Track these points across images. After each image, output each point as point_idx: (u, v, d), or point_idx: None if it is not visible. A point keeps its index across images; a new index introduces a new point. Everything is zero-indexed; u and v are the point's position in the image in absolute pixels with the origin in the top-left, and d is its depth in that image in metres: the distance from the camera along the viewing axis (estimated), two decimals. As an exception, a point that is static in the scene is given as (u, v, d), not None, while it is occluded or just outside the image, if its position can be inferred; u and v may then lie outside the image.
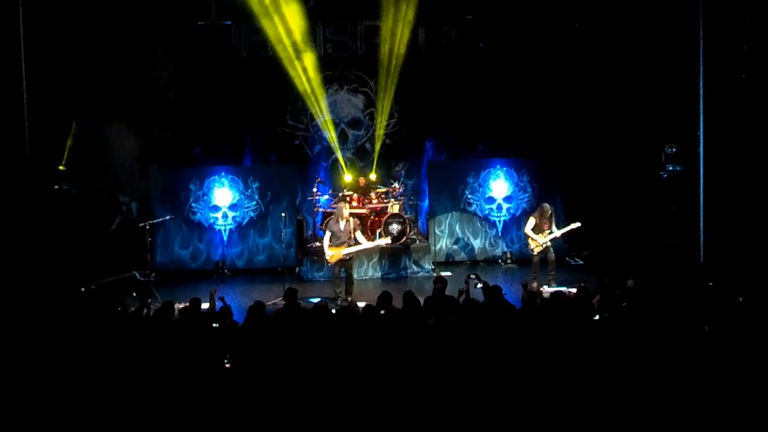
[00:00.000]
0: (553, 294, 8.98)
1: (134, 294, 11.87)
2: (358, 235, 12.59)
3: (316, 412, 6.56)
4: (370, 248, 13.14)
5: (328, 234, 12.62)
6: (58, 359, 7.26)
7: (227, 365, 7.32)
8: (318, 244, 14.97)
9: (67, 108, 13.82)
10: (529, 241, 13.21)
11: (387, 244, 13.49)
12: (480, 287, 9.27)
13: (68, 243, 13.53)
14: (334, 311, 8.82)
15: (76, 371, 7.05)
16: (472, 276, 9.57)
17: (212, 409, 6.68)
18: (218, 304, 9.12)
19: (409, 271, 14.87)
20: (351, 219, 12.66)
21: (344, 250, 12.42)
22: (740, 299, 8.35)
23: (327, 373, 6.85)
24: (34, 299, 10.75)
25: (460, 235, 15.88)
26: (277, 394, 6.58)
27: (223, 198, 15.38)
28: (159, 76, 15.28)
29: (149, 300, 10.76)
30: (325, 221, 14.25)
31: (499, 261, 15.83)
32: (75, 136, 13.69)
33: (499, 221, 15.94)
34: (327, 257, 12.62)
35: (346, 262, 12.57)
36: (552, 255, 13.18)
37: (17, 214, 12.66)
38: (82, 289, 12.57)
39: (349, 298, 12.34)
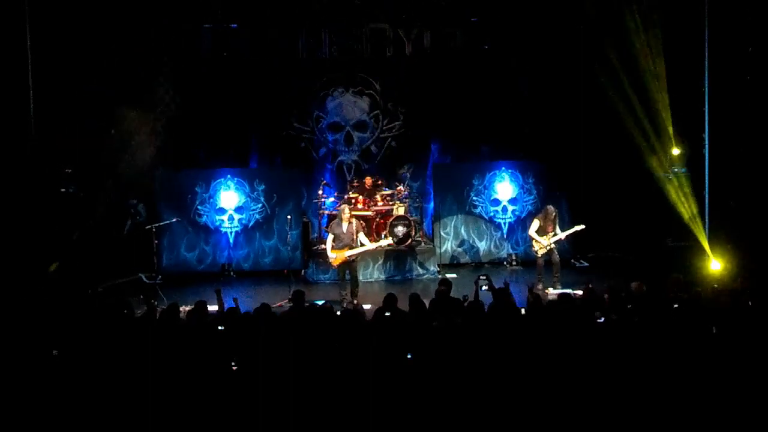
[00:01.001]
0: (560, 296, 9.00)
1: (141, 297, 11.91)
2: (361, 236, 12.56)
3: (321, 414, 6.57)
4: (374, 249, 13.10)
5: (330, 237, 12.60)
6: (64, 362, 7.28)
7: (234, 368, 7.34)
8: (324, 246, 15.01)
9: (70, 109, 13.87)
10: (534, 243, 13.23)
11: (389, 244, 13.50)
12: (485, 289, 9.28)
13: (74, 245, 13.58)
14: (339, 313, 8.86)
15: (81, 373, 7.07)
16: (483, 277, 9.57)
17: (217, 410, 6.70)
18: (229, 304, 9.15)
19: (414, 273, 14.88)
20: (354, 221, 12.63)
21: (348, 252, 12.40)
22: (749, 303, 8.37)
23: (332, 375, 6.86)
24: (40, 302, 10.79)
25: (466, 237, 15.89)
26: (282, 396, 6.60)
27: (229, 200, 15.42)
28: (165, 79, 15.32)
29: (155, 303, 10.82)
30: (330, 224, 14.29)
31: (504, 263, 15.83)
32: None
33: (504, 223, 15.95)
34: (330, 260, 12.60)
35: (350, 264, 12.56)
36: (556, 257, 13.19)
37: (22, 217, 12.70)
38: (89, 292, 12.61)
39: (355, 301, 12.35)
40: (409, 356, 7.26)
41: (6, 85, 12.78)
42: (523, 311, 8.68)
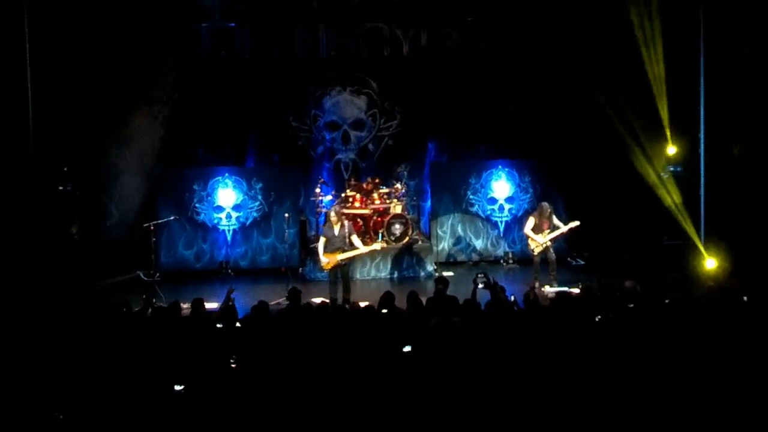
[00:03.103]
0: (558, 294, 9.03)
1: (144, 296, 11.94)
2: (354, 239, 12.41)
3: (318, 412, 6.61)
4: (366, 252, 12.94)
5: (322, 240, 12.42)
6: (63, 360, 7.31)
7: (233, 365, 7.38)
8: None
9: (69, 108, 13.91)
10: (530, 241, 13.26)
11: (383, 247, 13.41)
12: (481, 287, 9.30)
13: (72, 243, 13.62)
14: (335, 311, 8.89)
15: (80, 371, 7.10)
16: (480, 275, 9.57)
17: (214, 409, 6.74)
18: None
19: (411, 271, 14.93)
20: (346, 222, 12.47)
21: (340, 256, 12.19)
22: (744, 299, 8.42)
23: (329, 372, 6.90)
24: (38, 300, 10.82)
25: (462, 236, 15.95)
26: (280, 394, 6.63)
27: (227, 198, 15.48)
28: (163, 77, 15.36)
29: (154, 300, 10.85)
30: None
31: (501, 261, 15.90)
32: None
33: (501, 222, 16.02)
34: (322, 264, 12.39)
35: (342, 267, 12.36)
36: (552, 255, 13.23)
37: (21, 215, 12.73)
38: (87, 290, 12.64)
39: (348, 303, 12.18)
40: (407, 348, 7.31)
41: (5, 85, 12.80)
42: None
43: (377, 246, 13.00)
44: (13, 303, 10.65)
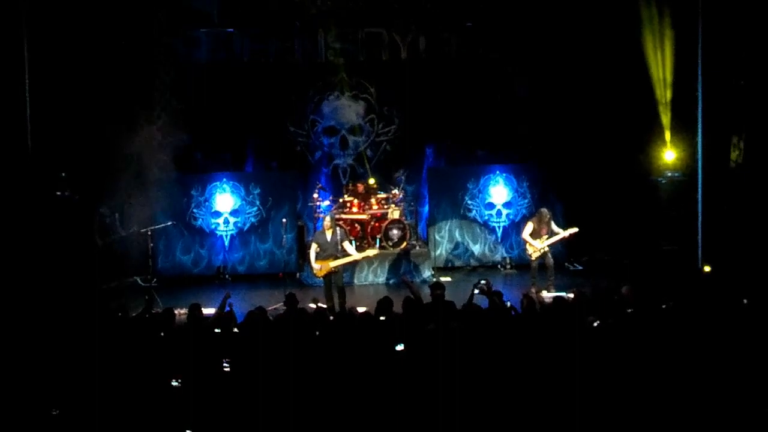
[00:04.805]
0: (555, 299, 9.02)
1: (146, 297, 11.94)
2: (347, 245, 12.29)
3: (316, 417, 6.60)
4: (360, 259, 12.80)
5: (314, 246, 12.28)
6: (61, 364, 7.30)
7: (226, 368, 7.36)
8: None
9: (68, 112, 13.90)
10: (527, 246, 13.25)
11: (376, 254, 13.36)
12: (477, 293, 9.29)
13: (69, 249, 13.59)
14: (332, 318, 8.88)
15: (77, 376, 7.09)
16: (483, 281, 9.55)
17: (213, 414, 6.72)
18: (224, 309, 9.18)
19: (409, 276, 14.85)
20: (338, 229, 12.35)
21: (333, 263, 12.07)
22: (744, 301, 8.41)
23: (327, 377, 6.89)
24: (36, 305, 10.80)
25: (460, 241, 15.94)
26: (278, 399, 6.62)
27: (225, 204, 15.47)
28: (162, 82, 15.35)
29: (152, 305, 10.84)
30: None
31: (499, 266, 15.89)
32: None
33: (499, 227, 16.01)
34: (314, 271, 12.30)
35: (335, 274, 12.23)
36: (550, 260, 13.22)
37: (19, 220, 12.71)
38: (84, 295, 12.61)
39: (344, 308, 12.11)
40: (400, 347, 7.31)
41: (3, 88, 12.79)
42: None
43: (371, 252, 12.91)
44: (11, 307, 10.64)
